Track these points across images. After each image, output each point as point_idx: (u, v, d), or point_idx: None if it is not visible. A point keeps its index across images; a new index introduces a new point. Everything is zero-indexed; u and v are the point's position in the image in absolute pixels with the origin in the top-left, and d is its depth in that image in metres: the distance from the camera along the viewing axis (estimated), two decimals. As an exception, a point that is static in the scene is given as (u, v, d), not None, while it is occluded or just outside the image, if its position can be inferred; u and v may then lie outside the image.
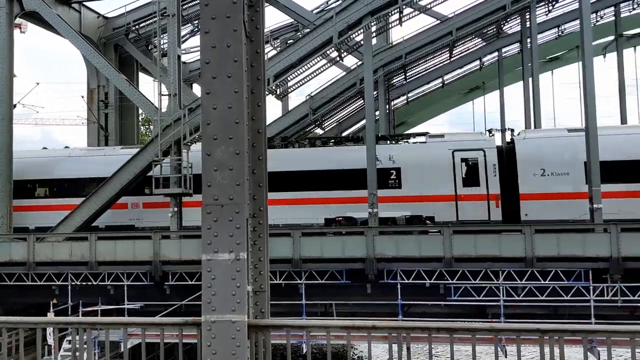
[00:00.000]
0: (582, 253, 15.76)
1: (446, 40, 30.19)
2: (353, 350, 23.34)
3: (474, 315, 16.50)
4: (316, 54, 24.60)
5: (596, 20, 34.50)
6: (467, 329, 5.86)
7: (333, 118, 37.95)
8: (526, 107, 30.47)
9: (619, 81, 32.77)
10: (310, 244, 18.01)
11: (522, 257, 16.09)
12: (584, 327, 6.02)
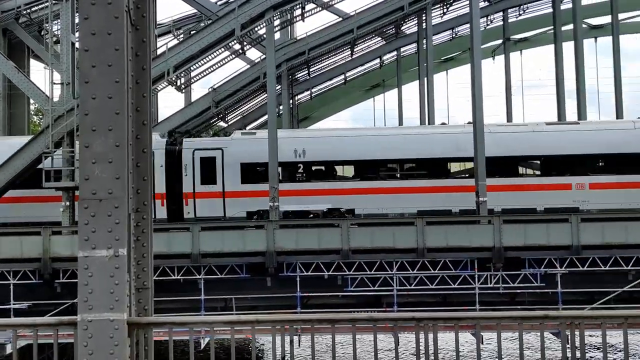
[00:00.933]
0: (468, 244, 16.60)
1: (348, 37, 30.66)
2: (254, 343, 23.27)
3: (370, 305, 16.95)
4: (218, 45, 24.20)
5: (486, 24, 36.37)
6: (349, 320, 5.99)
7: (237, 111, 37.55)
8: (421, 104, 31.63)
9: (505, 82, 34.72)
10: (210, 238, 17.74)
11: (414, 248, 16.69)
12: (455, 315, 6.33)
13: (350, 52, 36.88)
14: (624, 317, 6.37)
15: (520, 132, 23.28)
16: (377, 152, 22.43)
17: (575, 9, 27.92)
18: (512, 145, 22.34)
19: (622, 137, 22.04)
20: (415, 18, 34.11)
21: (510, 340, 17.51)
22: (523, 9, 36.66)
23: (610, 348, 19.79)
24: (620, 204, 19.87)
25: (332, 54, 36.19)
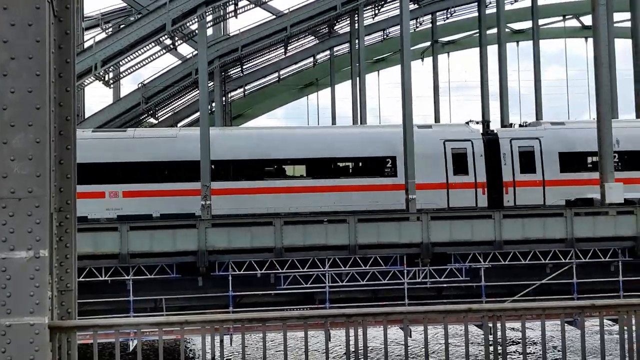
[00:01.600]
0: (398, 240, 16.97)
1: (281, 35, 30.62)
2: (186, 344, 22.87)
3: (302, 302, 17.01)
4: (148, 40, 23.60)
5: (416, 26, 37.23)
6: (279, 318, 5.99)
7: (168, 108, 36.76)
8: (354, 104, 32.03)
9: (433, 83, 35.70)
10: (139, 238, 17.27)
11: (346, 245, 16.89)
12: (383, 310, 6.46)
13: (284, 50, 36.86)
14: (541, 309, 6.70)
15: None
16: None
17: (499, 14, 29.01)
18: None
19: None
20: (348, 18, 34.47)
21: (441, 334, 18.07)
22: (450, 13, 37.79)
23: (528, 340, 20.74)
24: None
25: (266, 52, 36.07)
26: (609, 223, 17.23)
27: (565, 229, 16.87)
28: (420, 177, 20.06)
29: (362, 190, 21.51)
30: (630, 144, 22.49)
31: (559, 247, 16.83)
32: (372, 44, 39.34)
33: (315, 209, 20.25)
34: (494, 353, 6.48)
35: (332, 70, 38.03)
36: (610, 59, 23.85)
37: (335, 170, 22.83)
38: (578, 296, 15.66)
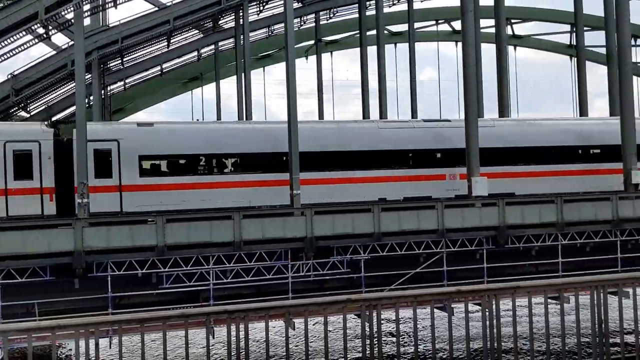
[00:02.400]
0: (283, 235, 17.16)
1: (164, 28, 29.72)
2: (61, 350, 21.63)
3: (186, 301, 16.69)
4: (19, 29, 21.92)
5: (300, 24, 37.71)
6: (159, 318, 5.93)
7: (41, 101, 34.46)
8: (239, 99, 31.85)
9: (317, 81, 36.37)
10: (8, 239, 16.06)
11: (231, 242, 16.80)
12: (265, 305, 6.59)
13: (167, 43, 35.80)
14: (413, 296, 7.15)
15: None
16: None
17: (378, 16, 30.12)
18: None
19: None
20: (233, 13, 34.16)
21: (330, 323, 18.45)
22: (333, 13, 38.65)
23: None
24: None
25: (148, 44, 34.83)
26: (475, 214, 18.59)
27: (437, 221, 17.96)
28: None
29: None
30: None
31: (431, 237, 17.87)
32: (258, 40, 39.29)
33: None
34: (370, 340, 6.85)
35: (217, 65, 37.53)
36: (477, 62, 25.53)
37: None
38: (448, 283, 16.76)
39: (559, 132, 24.87)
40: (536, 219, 18.73)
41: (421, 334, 9.44)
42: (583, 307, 6.79)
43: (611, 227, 19.12)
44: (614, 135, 22.56)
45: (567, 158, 24.25)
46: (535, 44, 41.73)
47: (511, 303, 6.74)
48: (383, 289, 15.81)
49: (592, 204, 19.47)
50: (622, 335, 7.13)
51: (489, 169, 22.12)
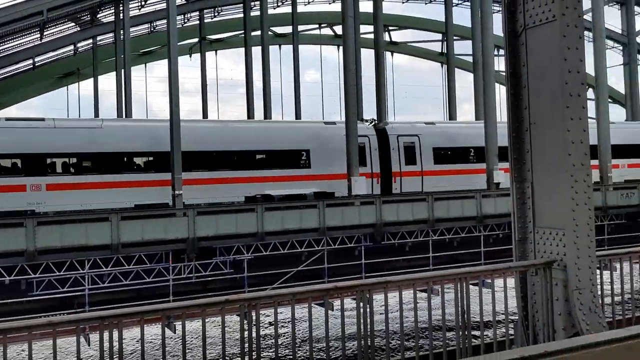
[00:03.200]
0: (164, 236, 16.68)
1: (36, 19, 27.73)
2: None
3: (58, 308, 15.69)
4: None
5: (184, 21, 36.81)
6: (24, 327, 5.53)
7: None
8: (118, 96, 30.53)
9: (201, 80, 35.71)
10: None
11: (108, 245, 16.06)
12: (139, 309, 6.37)
13: (39, 35, 33.44)
14: (292, 294, 7.26)
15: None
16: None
17: (262, 17, 30.14)
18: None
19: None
20: (113, 7, 32.63)
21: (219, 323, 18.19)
22: (218, 11, 38.13)
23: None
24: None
25: (18, 36, 32.33)
26: (354, 213, 19.22)
27: (318, 219, 18.35)
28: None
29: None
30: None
31: (313, 236, 18.24)
32: (139, 35, 37.84)
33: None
34: (249, 340, 6.85)
35: (95, 60, 35.65)
36: (357, 66, 26.42)
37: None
38: (328, 280, 17.16)
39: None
40: (410, 216, 19.74)
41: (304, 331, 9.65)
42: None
43: (475, 223, 20.61)
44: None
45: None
46: (410, 50, 43.81)
47: (395, 297, 7.04)
48: (265, 288, 15.85)
49: (460, 201, 20.86)
50: (482, 323, 7.71)
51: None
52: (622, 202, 23.46)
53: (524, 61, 8.25)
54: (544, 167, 7.82)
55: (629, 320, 7.65)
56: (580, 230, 7.26)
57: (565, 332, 7.04)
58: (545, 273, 7.42)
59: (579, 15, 7.85)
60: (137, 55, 38.42)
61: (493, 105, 23.99)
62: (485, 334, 7.87)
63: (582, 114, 7.72)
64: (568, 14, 7.69)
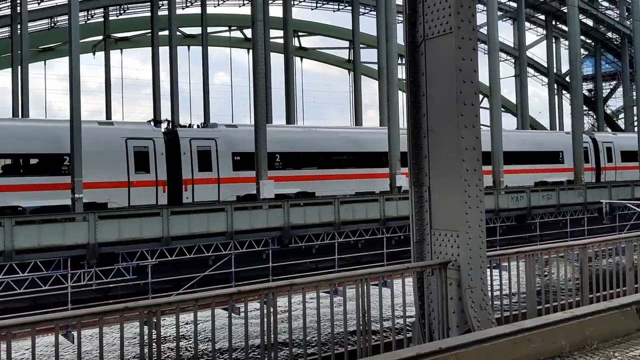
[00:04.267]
0: (62, 242, 15.77)
1: None
2: None
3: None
4: None
5: (87, 18, 35.12)
6: None
7: None
8: (14, 94, 28.62)
9: (105, 79, 34.22)
10: None
11: (1, 251, 14.96)
12: (32, 319, 5.99)
13: None
14: (194, 300, 7.08)
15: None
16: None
17: (170, 17, 29.35)
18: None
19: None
20: (9, 0, 30.54)
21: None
22: (124, 9, 36.72)
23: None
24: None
25: None
26: (262, 216, 19.13)
27: (226, 223, 18.08)
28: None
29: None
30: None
31: (220, 240, 17.94)
32: (39, 31, 35.67)
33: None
34: (149, 348, 6.60)
35: (-12, 54, 33.22)
36: (267, 70, 26.36)
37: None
38: (236, 284, 16.95)
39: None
40: (317, 219, 19.93)
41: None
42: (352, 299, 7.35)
43: (379, 225, 21.16)
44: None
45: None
46: (319, 56, 44.32)
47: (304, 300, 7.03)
48: (171, 294, 15.40)
49: (364, 204, 21.33)
50: (382, 323, 7.89)
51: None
52: (512, 205, 24.98)
53: (423, 70, 8.55)
54: (440, 172, 8.14)
55: (516, 317, 8.10)
56: (472, 232, 7.61)
57: (458, 329, 7.35)
58: (440, 273, 7.72)
59: (473, 29, 8.26)
60: (36, 51, 36.18)
61: (396, 111, 24.73)
62: (388, 333, 8.06)
63: (476, 121, 8.12)
64: (463, 27, 8.06)
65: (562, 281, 9.33)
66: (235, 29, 39.95)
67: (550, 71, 44.58)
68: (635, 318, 7.39)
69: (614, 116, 54.81)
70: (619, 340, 6.92)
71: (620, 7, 44.36)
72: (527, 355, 6.41)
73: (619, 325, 7.18)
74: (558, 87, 45.89)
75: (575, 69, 32.34)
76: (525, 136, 34.39)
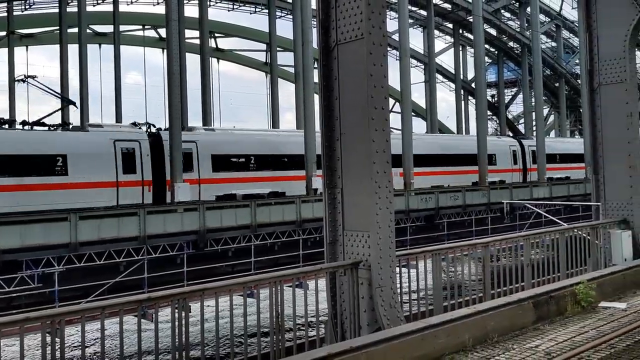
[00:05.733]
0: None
1: None
2: None
3: None
4: None
5: (-13, 12, 32.85)
6: None
7: None
8: None
9: (9, 76, 32.15)
10: None
11: None
12: None
13: None
14: (101, 308, 6.76)
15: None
16: None
17: (80, 14, 28.02)
18: None
19: None
20: None
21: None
22: (29, 4, 34.69)
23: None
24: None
25: None
26: (177, 219, 18.58)
27: (139, 227, 17.41)
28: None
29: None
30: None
31: (132, 245, 17.25)
32: None
33: None
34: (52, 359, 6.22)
35: None
36: (182, 70, 25.66)
37: None
38: (149, 289, 16.34)
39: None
40: (233, 222, 19.64)
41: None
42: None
43: (295, 227, 21.17)
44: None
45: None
46: (236, 58, 43.87)
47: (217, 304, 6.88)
48: (80, 301, 14.63)
49: (281, 206, 21.27)
50: (295, 324, 7.89)
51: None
52: (421, 206, 25.81)
53: (336, 75, 8.65)
54: (353, 174, 8.25)
55: (424, 314, 8.36)
56: (383, 232, 7.77)
57: (369, 327, 7.47)
58: (352, 273, 7.82)
59: (383, 35, 8.45)
60: None
61: (312, 115, 24.89)
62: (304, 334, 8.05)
63: (386, 125, 8.30)
64: (374, 33, 8.22)
65: (468, 278, 9.72)
66: (149, 28, 38.75)
67: (457, 77, 46.57)
68: (531, 312, 7.83)
69: (515, 121, 58.10)
70: (517, 333, 7.31)
71: (520, 19, 47.07)
72: (433, 350, 6.62)
73: (517, 319, 7.58)
74: (464, 92, 48.06)
75: (480, 75, 33.95)
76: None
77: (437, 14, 42.18)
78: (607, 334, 7.14)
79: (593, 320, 7.90)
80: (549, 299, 8.16)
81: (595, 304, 8.64)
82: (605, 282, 9.41)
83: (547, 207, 26.53)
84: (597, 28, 13.48)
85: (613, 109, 13.04)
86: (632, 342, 6.84)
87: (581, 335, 7.14)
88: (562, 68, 49.00)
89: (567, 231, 11.23)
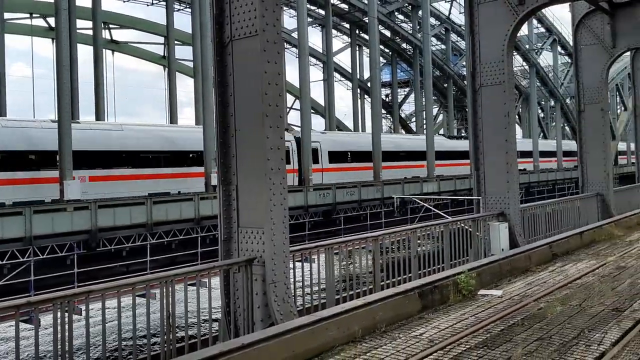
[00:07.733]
0: None
1: None
2: None
3: None
4: None
5: None
6: None
7: None
8: None
9: None
10: None
11: None
12: None
13: None
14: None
15: None
16: None
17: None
18: None
19: None
20: None
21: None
22: None
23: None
24: None
25: None
26: (66, 219, 17.46)
27: (24, 227, 16.17)
28: None
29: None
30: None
31: (17, 246, 16.00)
32: None
33: None
34: None
35: None
36: (72, 62, 24.13)
37: None
38: (35, 293, 15.23)
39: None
40: (127, 221, 18.78)
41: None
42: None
43: (193, 225, 20.62)
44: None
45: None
46: (133, 51, 41.96)
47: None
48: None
49: (178, 204, 20.62)
50: (187, 323, 7.67)
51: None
52: (319, 201, 26.14)
53: (231, 70, 8.48)
54: (247, 171, 8.13)
55: (317, 307, 8.43)
56: (277, 228, 7.73)
57: (262, 323, 7.41)
58: (246, 270, 7.72)
59: (278, 32, 8.38)
60: None
61: (211, 110, 24.33)
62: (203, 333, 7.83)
63: (280, 122, 8.25)
64: (268, 30, 8.13)
65: (362, 271, 9.93)
66: (37, 17, 36.09)
67: (354, 76, 47.60)
68: (417, 301, 8.13)
69: (407, 120, 60.42)
70: (403, 322, 7.55)
71: (413, 21, 48.93)
72: (324, 343, 6.68)
73: (404, 308, 7.83)
74: (361, 91, 49.20)
75: (375, 75, 34.86)
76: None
77: (335, 14, 42.81)
78: (484, 319, 7.55)
79: (472, 307, 8.34)
80: (434, 288, 8.51)
81: (475, 292, 9.13)
82: (484, 271, 9.97)
83: (436, 201, 27.78)
84: (479, 33, 14.28)
85: (492, 109, 13.87)
86: (505, 326, 7.29)
87: (461, 322, 7.51)
88: (451, 69, 51.54)
89: (451, 224, 11.80)
